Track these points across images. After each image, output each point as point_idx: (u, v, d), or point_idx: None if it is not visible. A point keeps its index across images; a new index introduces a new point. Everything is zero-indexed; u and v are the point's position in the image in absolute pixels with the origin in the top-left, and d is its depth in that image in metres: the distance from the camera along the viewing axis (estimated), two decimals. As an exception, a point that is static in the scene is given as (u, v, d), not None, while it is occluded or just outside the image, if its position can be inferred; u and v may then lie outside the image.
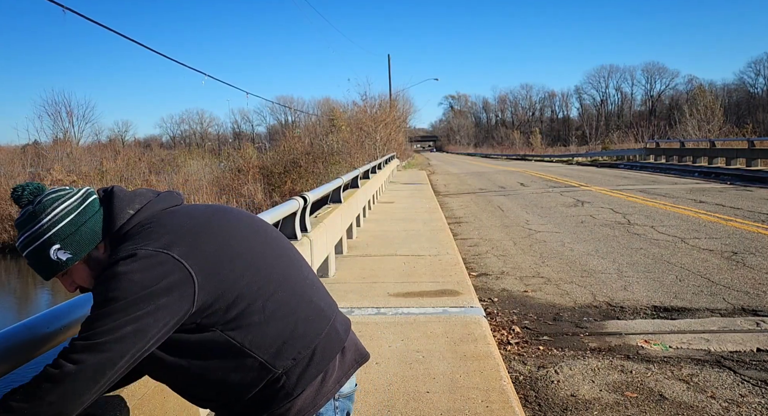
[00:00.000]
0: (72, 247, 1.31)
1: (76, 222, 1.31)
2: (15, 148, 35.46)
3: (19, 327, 1.78)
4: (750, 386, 3.45)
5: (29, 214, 1.30)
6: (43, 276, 1.34)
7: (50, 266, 1.31)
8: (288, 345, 1.35)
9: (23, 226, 1.31)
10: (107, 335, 1.18)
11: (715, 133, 34.20)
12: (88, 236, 1.33)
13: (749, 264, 6.38)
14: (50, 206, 1.30)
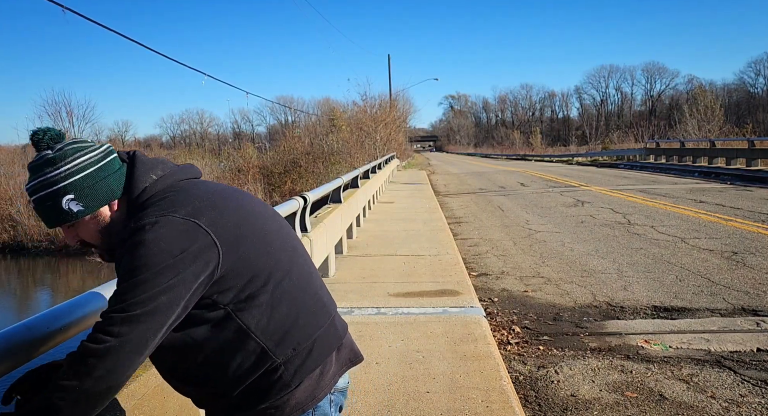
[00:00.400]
0: (85, 200, 1.29)
1: (95, 176, 1.29)
2: (15, 148, 35.46)
3: (19, 327, 1.78)
4: (750, 386, 3.45)
5: (47, 159, 1.27)
6: (48, 224, 1.31)
7: (59, 215, 1.28)
8: (290, 334, 1.34)
9: (39, 170, 1.28)
10: (144, 306, 1.17)
11: (715, 133, 34.19)
12: (103, 192, 1.31)
13: (749, 264, 6.38)
14: (71, 155, 1.28)
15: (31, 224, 20.94)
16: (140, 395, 2.15)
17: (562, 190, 16.42)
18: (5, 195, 22.15)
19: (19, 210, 21.32)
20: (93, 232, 1.33)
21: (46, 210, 1.28)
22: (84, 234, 1.34)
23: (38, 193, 1.28)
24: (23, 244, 20.60)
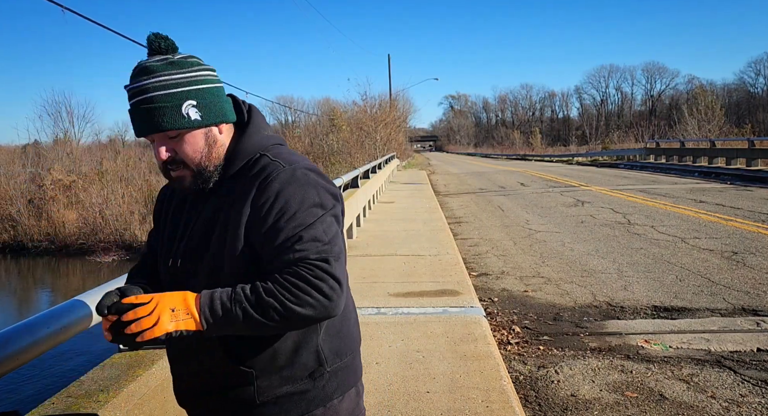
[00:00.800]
0: (205, 111, 1.23)
1: (216, 92, 1.26)
2: (15, 148, 35.46)
3: (19, 327, 1.78)
4: (750, 386, 3.45)
5: (171, 62, 1.21)
6: (151, 127, 1.20)
7: (174, 119, 1.19)
8: (343, 342, 1.34)
9: (160, 70, 1.20)
10: (340, 249, 1.26)
11: (715, 132, 34.18)
12: (222, 110, 1.26)
13: (749, 264, 6.37)
14: (196, 65, 1.24)
15: (31, 224, 20.95)
16: (140, 395, 2.15)
17: (562, 189, 16.42)
18: (5, 195, 22.14)
19: (19, 210, 21.32)
20: (195, 149, 1.23)
21: (160, 110, 1.18)
22: (184, 149, 1.23)
23: (159, 92, 1.18)
24: (23, 244, 20.61)
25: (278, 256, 1.19)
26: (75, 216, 20.86)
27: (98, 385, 2.12)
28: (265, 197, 1.21)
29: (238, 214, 1.23)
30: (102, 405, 1.97)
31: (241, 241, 1.22)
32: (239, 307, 1.14)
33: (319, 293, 1.17)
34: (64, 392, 2.09)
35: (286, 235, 1.20)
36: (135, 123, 1.22)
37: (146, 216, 20.45)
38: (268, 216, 1.20)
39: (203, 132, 1.25)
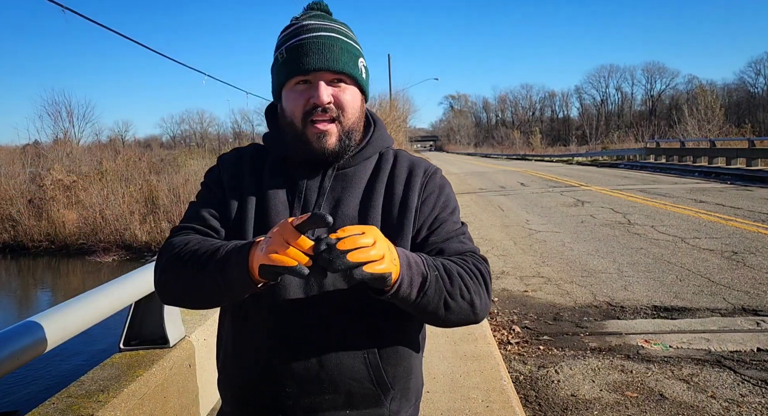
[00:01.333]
0: (368, 77, 1.23)
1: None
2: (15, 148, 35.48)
3: (19, 327, 1.79)
4: (750, 386, 3.45)
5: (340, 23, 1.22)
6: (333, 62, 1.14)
7: (355, 65, 1.17)
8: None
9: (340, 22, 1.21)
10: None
11: (715, 132, 34.18)
12: (368, 85, 1.25)
13: (749, 264, 6.37)
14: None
15: (31, 224, 20.96)
16: (141, 395, 2.15)
17: (563, 189, 16.42)
18: (5, 195, 22.13)
19: (19, 211, 21.33)
20: (355, 106, 1.18)
21: (346, 52, 1.16)
22: (347, 99, 1.16)
23: (344, 36, 1.18)
24: (23, 244, 20.61)
25: (446, 242, 1.19)
26: (75, 216, 20.86)
27: (98, 385, 2.12)
28: (431, 189, 1.23)
29: (408, 199, 1.20)
30: (102, 405, 1.96)
31: (411, 224, 1.20)
32: (433, 274, 1.06)
33: (488, 288, 1.16)
34: (64, 392, 2.09)
35: (452, 226, 1.22)
36: (310, 55, 1.13)
37: (146, 216, 20.45)
38: (435, 206, 1.22)
39: (362, 97, 1.22)
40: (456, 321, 1.11)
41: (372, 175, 1.24)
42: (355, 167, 1.23)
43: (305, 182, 1.20)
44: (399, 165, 1.25)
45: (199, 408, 2.64)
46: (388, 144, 1.28)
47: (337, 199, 1.19)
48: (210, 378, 2.75)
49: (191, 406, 2.55)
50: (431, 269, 1.06)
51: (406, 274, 1.01)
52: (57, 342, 1.89)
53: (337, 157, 1.18)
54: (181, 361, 2.50)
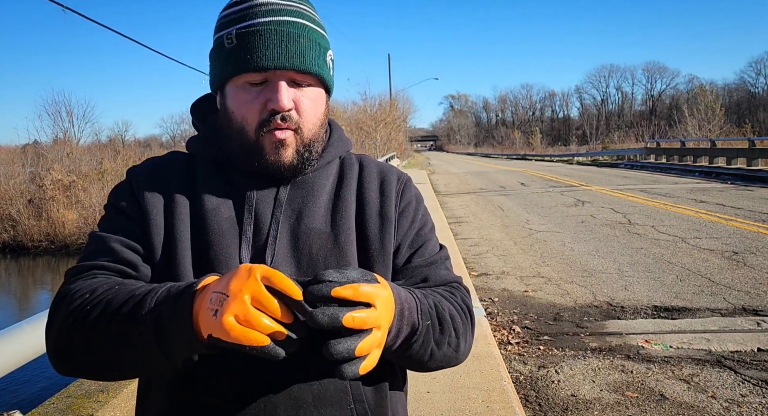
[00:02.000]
0: (333, 74, 1.02)
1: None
2: (15, 148, 35.49)
3: (19, 326, 1.78)
4: (751, 386, 3.44)
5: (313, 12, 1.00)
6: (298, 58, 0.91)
7: (319, 60, 0.95)
8: None
9: (310, 5, 0.99)
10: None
11: (715, 132, 34.19)
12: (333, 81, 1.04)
13: (750, 264, 6.37)
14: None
15: (31, 224, 20.96)
16: (140, 395, 2.15)
17: (563, 189, 16.41)
18: (5, 195, 22.13)
19: (19, 210, 21.32)
20: (318, 112, 0.98)
21: (313, 45, 0.94)
22: (308, 105, 0.95)
23: (314, 24, 0.96)
24: (23, 244, 20.61)
25: (431, 267, 1.02)
26: (75, 216, 20.86)
27: (98, 385, 2.12)
28: (408, 198, 1.07)
29: (385, 209, 1.02)
30: (102, 405, 1.96)
31: (392, 240, 1.01)
32: (424, 325, 0.88)
33: (473, 327, 1.00)
34: (64, 392, 2.09)
35: (434, 247, 1.06)
36: (270, 47, 0.90)
37: (146, 216, 20.46)
38: (415, 220, 1.05)
39: (326, 98, 1.01)
40: (436, 367, 0.96)
41: (337, 181, 1.04)
42: (315, 173, 1.02)
43: (255, 193, 0.97)
44: (367, 170, 1.07)
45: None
46: (347, 147, 1.09)
47: (298, 210, 0.98)
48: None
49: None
50: (424, 317, 0.87)
51: (395, 324, 0.82)
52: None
53: (293, 172, 0.96)
54: (181, 361, 2.49)
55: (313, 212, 0.98)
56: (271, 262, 0.93)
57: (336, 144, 1.06)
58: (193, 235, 0.93)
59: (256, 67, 0.89)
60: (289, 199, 0.98)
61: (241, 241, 0.93)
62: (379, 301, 0.76)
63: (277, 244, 0.94)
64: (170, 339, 0.77)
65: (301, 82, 0.94)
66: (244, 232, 0.94)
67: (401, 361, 0.94)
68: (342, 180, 1.04)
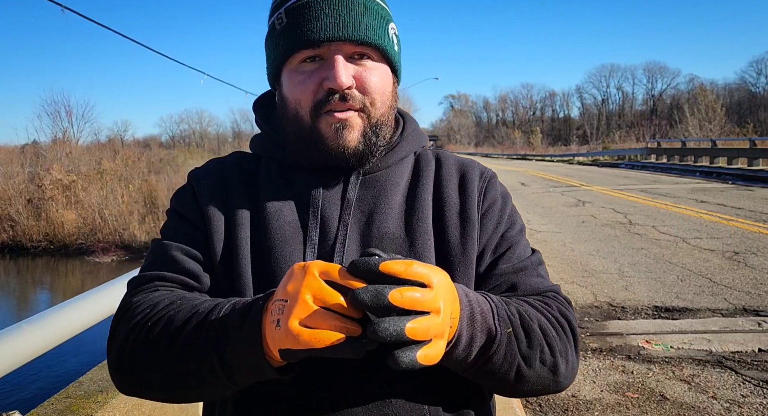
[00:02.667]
0: (400, 50, 0.93)
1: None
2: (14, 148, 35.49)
3: (18, 327, 1.78)
4: (752, 386, 3.44)
5: None
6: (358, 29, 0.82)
7: (384, 34, 0.86)
8: None
9: None
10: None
11: (716, 132, 34.22)
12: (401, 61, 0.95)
13: (751, 264, 6.36)
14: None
15: (30, 224, 20.97)
16: (139, 396, 2.14)
17: (563, 189, 16.40)
18: (4, 195, 22.14)
19: (18, 211, 21.33)
20: (385, 90, 0.88)
21: (374, 15, 0.85)
22: (373, 81, 0.85)
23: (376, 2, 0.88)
24: (22, 244, 20.61)
25: (520, 274, 0.91)
26: (74, 216, 20.86)
27: (97, 386, 2.11)
28: (492, 197, 0.95)
29: (467, 210, 0.91)
30: (101, 405, 1.96)
31: (476, 245, 0.90)
32: (504, 332, 0.77)
33: (577, 346, 0.87)
34: (64, 392, 2.08)
35: (524, 251, 0.94)
36: (321, 18, 0.81)
37: (145, 216, 20.46)
38: (501, 221, 0.94)
39: (393, 79, 0.91)
40: (530, 391, 0.84)
41: (412, 179, 0.94)
42: (387, 170, 0.92)
43: (320, 192, 0.88)
44: (445, 166, 0.96)
45: (198, 409, 2.63)
46: (423, 142, 0.99)
47: (369, 212, 0.88)
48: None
49: (190, 407, 2.54)
50: (502, 323, 0.77)
51: (465, 330, 0.72)
52: (56, 343, 1.88)
53: (360, 159, 0.86)
54: (181, 362, 2.49)
55: (385, 214, 0.89)
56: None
57: (410, 138, 0.96)
58: (254, 241, 0.86)
59: (307, 42, 0.81)
60: (358, 199, 0.89)
61: (305, 247, 0.85)
62: (436, 280, 0.65)
63: (345, 250, 0.85)
64: (235, 368, 0.71)
65: (362, 55, 0.84)
66: (309, 237, 0.86)
67: (484, 380, 0.82)
68: (417, 178, 0.94)
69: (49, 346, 1.84)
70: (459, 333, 0.72)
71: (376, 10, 0.86)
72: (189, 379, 0.74)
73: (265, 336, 0.67)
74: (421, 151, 0.99)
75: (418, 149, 0.98)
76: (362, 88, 0.84)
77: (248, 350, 0.69)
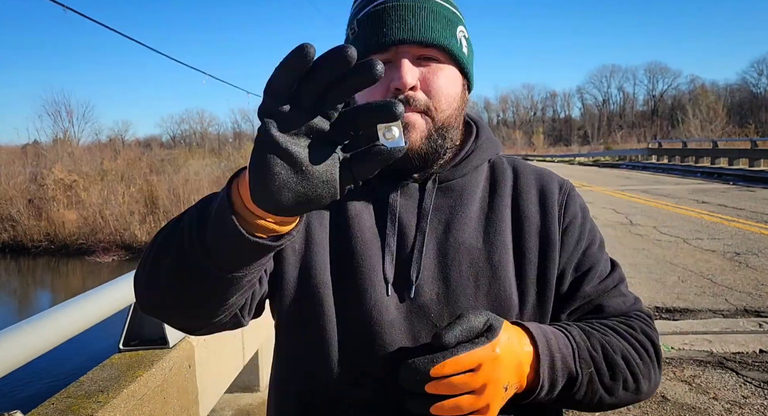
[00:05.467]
0: (470, 52, 0.92)
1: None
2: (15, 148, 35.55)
3: (19, 327, 1.78)
4: (752, 387, 3.43)
5: None
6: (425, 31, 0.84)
7: (451, 36, 0.86)
8: None
9: None
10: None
11: (717, 133, 34.20)
12: (473, 65, 0.93)
13: (752, 265, 6.35)
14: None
15: (31, 224, 20.99)
16: (140, 395, 2.14)
17: (564, 190, 16.39)
18: (5, 195, 22.17)
19: (19, 210, 21.35)
20: (451, 92, 0.87)
21: (441, 18, 0.86)
22: (440, 82, 0.85)
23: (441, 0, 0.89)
24: (23, 244, 20.64)
25: (605, 296, 0.90)
26: (75, 216, 20.89)
27: (98, 386, 2.11)
28: (573, 212, 0.93)
29: (547, 227, 0.90)
30: (102, 405, 1.95)
31: (556, 266, 0.89)
32: (586, 373, 0.79)
33: (660, 363, 0.88)
34: (64, 392, 2.08)
35: (605, 268, 0.92)
36: (389, 23, 0.83)
37: (146, 216, 20.47)
38: (582, 238, 0.92)
39: (463, 82, 0.90)
40: (609, 409, 0.87)
41: (490, 190, 0.93)
42: (464, 179, 0.91)
43: (398, 199, 0.88)
44: (523, 177, 0.94)
45: (198, 409, 2.63)
46: (497, 150, 0.97)
47: (446, 221, 0.88)
48: (210, 378, 2.74)
49: (191, 407, 2.54)
50: (584, 365, 0.79)
51: (546, 378, 0.77)
52: (56, 343, 1.88)
53: (425, 161, 0.87)
54: (181, 362, 2.49)
55: (463, 224, 0.88)
56: (417, 279, 0.84)
57: (485, 146, 0.95)
58: (332, 242, 0.88)
59: (376, 46, 0.83)
60: (435, 208, 0.89)
61: (384, 253, 0.86)
62: (487, 364, 0.72)
63: (423, 258, 0.86)
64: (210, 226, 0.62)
65: (429, 58, 0.85)
66: (387, 244, 0.86)
67: (564, 407, 0.88)
68: (494, 188, 0.93)
69: (49, 346, 1.84)
70: (541, 383, 0.76)
71: (444, 13, 0.87)
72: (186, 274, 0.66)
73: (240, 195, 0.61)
74: (495, 159, 0.97)
75: (493, 156, 0.97)
76: (427, 89, 0.85)
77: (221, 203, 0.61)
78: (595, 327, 0.86)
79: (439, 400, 0.72)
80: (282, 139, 0.53)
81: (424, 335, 0.83)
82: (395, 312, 0.83)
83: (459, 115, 0.90)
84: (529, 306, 0.87)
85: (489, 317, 0.76)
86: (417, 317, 0.83)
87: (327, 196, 0.56)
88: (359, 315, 0.84)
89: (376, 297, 0.84)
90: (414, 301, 0.84)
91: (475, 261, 0.86)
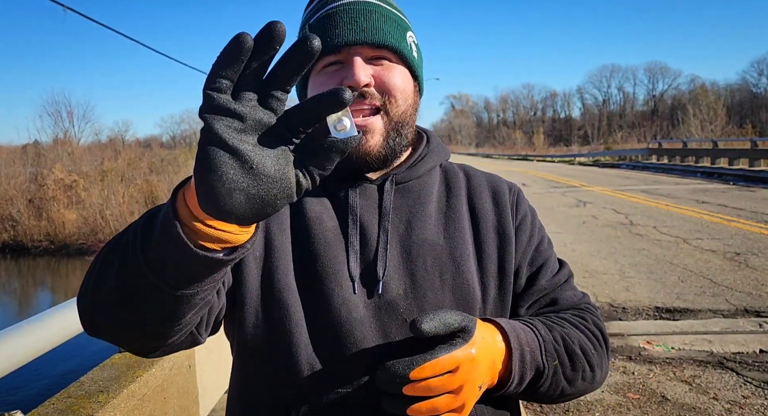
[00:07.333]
0: (420, 57, 0.95)
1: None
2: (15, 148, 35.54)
3: (19, 327, 1.78)
4: (753, 387, 3.43)
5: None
6: (375, 33, 0.86)
7: (402, 39, 0.89)
8: None
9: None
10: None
11: (717, 133, 34.18)
12: (422, 69, 0.96)
13: (752, 265, 6.35)
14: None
15: (31, 224, 20.99)
16: (140, 396, 2.14)
17: (564, 190, 16.39)
18: (5, 195, 22.17)
19: (20, 210, 21.35)
20: (406, 90, 0.89)
21: (391, 21, 0.88)
22: (393, 80, 0.87)
23: (388, 5, 0.91)
24: (23, 244, 20.64)
25: (558, 290, 0.96)
26: (75, 216, 20.89)
27: (98, 386, 2.11)
28: (523, 211, 0.98)
29: (503, 224, 0.94)
30: (102, 405, 1.95)
31: (513, 261, 0.93)
32: (551, 366, 0.83)
33: (609, 353, 0.93)
34: (64, 392, 2.08)
35: (555, 265, 0.99)
36: (340, 26, 0.85)
37: (147, 216, 20.48)
38: (533, 235, 0.98)
39: (414, 83, 0.92)
40: (565, 400, 0.91)
41: (446, 190, 0.96)
42: (420, 180, 0.94)
43: (356, 200, 0.89)
44: (475, 179, 0.98)
45: (198, 409, 2.63)
46: (447, 155, 1.01)
47: (408, 220, 0.90)
48: (210, 378, 2.75)
49: (191, 407, 2.55)
50: (549, 358, 0.83)
51: (517, 372, 0.80)
52: (57, 343, 1.89)
53: (384, 162, 0.89)
54: (181, 362, 2.49)
55: (423, 221, 0.90)
56: (383, 276, 0.86)
57: (437, 150, 0.98)
58: (294, 245, 0.87)
59: (327, 47, 0.83)
60: (395, 207, 0.91)
61: (348, 253, 0.87)
62: (464, 364, 0.75)
63: (387, 256, 0.87)
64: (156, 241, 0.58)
65: (381, 58, 0.86)
66: (350, 244, 0.87)
67: (526, 399, 0.91)
68: (450, 189, 0.96)
69: (49, 346, 1.84)
70: (512, 377, 0.80)
71: (394, 18, 0.89)
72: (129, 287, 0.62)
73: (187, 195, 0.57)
74: (445, 164, 1.01)
75: (443, 161, 1.00)
76: (381, 86, 0.86)
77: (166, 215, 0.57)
78: (554, 321, 0.90)
79: (415, 401, 0.73)
80: (227, 136, 0.50)
81: (394, 330, 0.83)
82: (363, 309, 0.84)
83: (413, 113, 0.92)
84: (490, 300, 0.90)
85: (462, 315, 0.77)
86: (386, 313, 0.84)
87: (282, 197, 0.53)
88: (328, 314, 0.83)
89: (343, 296, 0.84)
90: (382, 298, 0.85)
91: (439, 256, 0.88)
